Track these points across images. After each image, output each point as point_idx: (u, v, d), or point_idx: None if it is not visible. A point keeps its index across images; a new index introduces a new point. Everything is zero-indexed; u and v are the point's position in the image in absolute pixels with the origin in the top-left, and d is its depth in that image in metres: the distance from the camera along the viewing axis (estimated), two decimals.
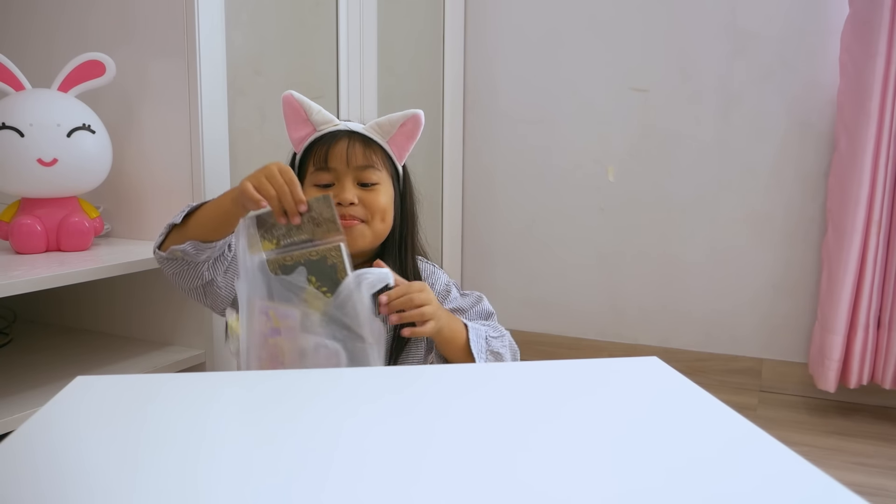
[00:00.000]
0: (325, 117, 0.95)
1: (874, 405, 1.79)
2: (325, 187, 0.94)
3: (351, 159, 0.93)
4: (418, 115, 0.96)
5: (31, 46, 1.24)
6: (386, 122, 0.96)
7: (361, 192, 0.94)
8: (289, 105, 0.95)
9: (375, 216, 0.94)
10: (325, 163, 0.93)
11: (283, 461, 0.43)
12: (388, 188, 0.96)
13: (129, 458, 0.44)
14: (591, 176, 2.03)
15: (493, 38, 2.09)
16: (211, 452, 0.45)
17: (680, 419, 0.51)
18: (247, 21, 1.32)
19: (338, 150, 0.93)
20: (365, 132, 0.95)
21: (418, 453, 0.44)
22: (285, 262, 0.78)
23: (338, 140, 0.93)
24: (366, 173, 0.94)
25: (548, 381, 0.61)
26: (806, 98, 1.80)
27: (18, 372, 1.05)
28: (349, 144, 0.93)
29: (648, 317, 2.03)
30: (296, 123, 0.96)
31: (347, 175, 0.93)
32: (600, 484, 0.41)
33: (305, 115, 0.94)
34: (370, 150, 0.94)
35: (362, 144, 0.94)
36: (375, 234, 0.96)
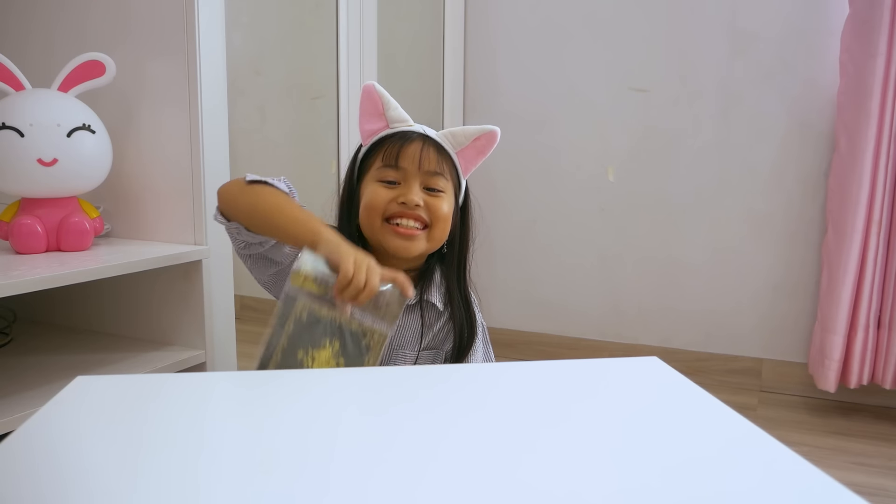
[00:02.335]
0: (401, 115, 0.93)
1: (874, 405, 1.79)
2: (391, 184, 0.91)
3: (423, 162, 0.90)
4: (494, 133, 0.93)
5: (32, 46, 1.24)
6: (460, 133, 0.93)
7: (427, 196, 0.91)
8: (368, 96, 0.92)
9: (438, 223, 0.91)
10: (396, 161, 0.90)
11: (283, 461, 0.43)
12: (451, 199, 0.94)
13: (129, 458, 0.44)
14: (591, 176, 2.03)
15: (493, 38, 2.09)
16: (211, 452, 0.45)
17: (680, 419, 0.51)
18: (247, 21, 1.32)
19: (411, 151, 0.90)
20: (438, 139, 0.93)
21: (419, 453, 0.44)
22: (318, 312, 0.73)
23: (412, 141, 0.91)
24: (434, 179, 0.91)
25: (548, 381, 0.61)
26: (806, 98, 1.80)
27: (18, 372, 1.05)
28: (423, 147, 0.91)
29: (648, 317, 2.03)
30: (370, 116, 0.93)
31: (416, 177, 0.90)
32: (601, 483, 0.41)
33: (382, 109, 0.92)
34: (441, 157, 0.92)
35: (435, 150, 0.92)
36: (433, 241, 0.93)
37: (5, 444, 0.46)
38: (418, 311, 0.95)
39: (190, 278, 1.15)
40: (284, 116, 1.43)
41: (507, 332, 2.18)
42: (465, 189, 0.98)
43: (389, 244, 0.90)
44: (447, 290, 0.96)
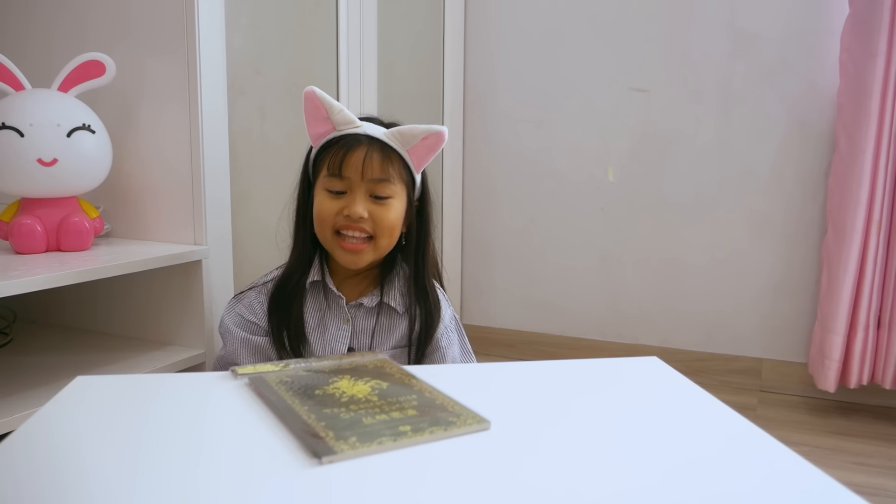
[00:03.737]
0: (345, 118, 0.92)
1: (874, 405, 1.79)
2: (338, 194, 0.92)
3: (366, 171, 0.90)
4: (442, 133, 0.93)
5: (31, 46, 1.24)
6: (408, 131, 0.93)
7: (373, 205, 0.92)
8: (310, 102, 0.92)
9: (383, 234, 0.92)
10: (340, 170, 0.90)
11: (283, 460, 0.43)
12: (401, 201, 0.94)
13: (129, 457, 0.44)
14: (591, 176, 2.03)
15: (493, 38, 2.09)
16: (210, 452, 0.45)
17: (680, 419, 0.51)
18: (247, 21, 1.32)
19: (354, 160, 0.90)
20: (385, 139, 0.92)
21: (418, 453, 0.44)
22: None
23: (355, 147, 0.91)
24: (380, 186, 0.91)
25: (548, 381, 0.61)
26: (806, 98, 1.80)
27: (18, 372, 1.05)
28: (367, 154, 0.90)
29: (648, 317, 2.03)
30: (315, 120, 0.93)
31: (360, 186, 0.91)
32: (601, 483, 0.41)
33: (326, 113, 0.91)
34: (387, 161, 0.92)
35: (380, 154, 0.91)
36: (378, 251, 0.94)
37: (5, 444, 0.46)
38: (376, 314, 0.97)
39: (190, 278, 1.15)
40: (284, 116, 1.43)
41: (507, 332, 2.18)
42: (420, 182, 0.98)
43: (338, 258, 0.94)
44: (408, 288, 0.97)
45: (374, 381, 0.61)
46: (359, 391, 0.58)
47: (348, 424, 0.49)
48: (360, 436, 0.47)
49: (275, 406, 0.54)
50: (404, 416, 0.52)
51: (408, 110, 1.86)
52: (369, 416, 0.52)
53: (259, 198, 1.37)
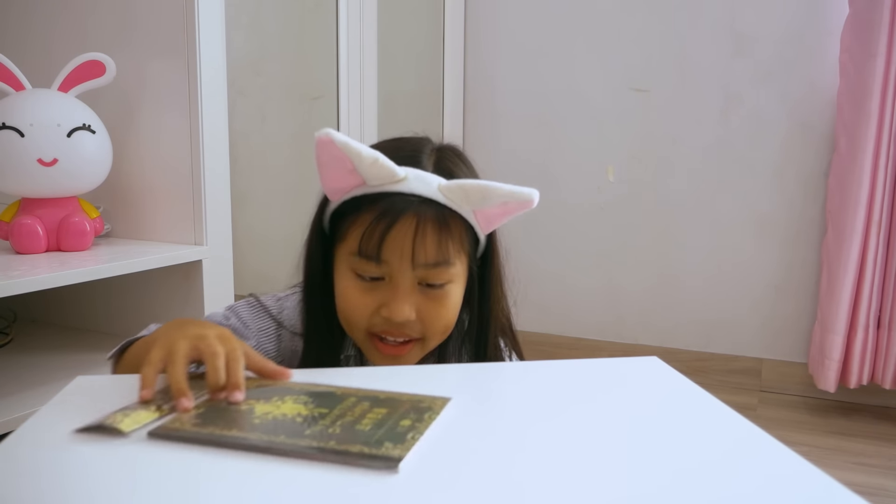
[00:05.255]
0: (383, 171, 0.62)
1: (874, 405, 1.79)
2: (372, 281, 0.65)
3: (418, 254, 0.63)
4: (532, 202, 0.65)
5: (32, 46, 1.24)
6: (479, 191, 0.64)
7: (423, 298, 0.66)
8: (326, 150, 0.62)
9: (435, 334, 0.68)
10: (378, 254, 0.63)
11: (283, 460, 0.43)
12: (461, 281, 0.69)
13: (129, 457, 0.44)
14: (591, 176, 2.03)
15: (493, 38, 2.09)
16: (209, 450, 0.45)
17: (680, 419, 0.51)
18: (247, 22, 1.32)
19: (399, 238, 0.63)
20: (444, 200, 0.64)
21: (418, 453, 0.44)
22: None
23: (401, 220, 0.63)
24: (436, 272, 0.65)
25: (548, 381, 0.61)
26: (806, 98, 1.80)
27: (18, 372, 1.05)
28: (418, 229, 0.63)
29: (648, 317, 2.03)
30: (336, 173, 0.64)
31: (406, 275, 0.64)
32: (601, 484, 0.41)
33: (352, 164, 0.62)
34: (447, 235, 0.64)
35: (436, 228, 0.64)
36: (427, 350, 0.70)
37: (5, 444, 0.46)
38: None
39: (190, 278, 1.15)
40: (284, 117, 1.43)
41: None
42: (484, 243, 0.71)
43: (374, 361, 0.70)
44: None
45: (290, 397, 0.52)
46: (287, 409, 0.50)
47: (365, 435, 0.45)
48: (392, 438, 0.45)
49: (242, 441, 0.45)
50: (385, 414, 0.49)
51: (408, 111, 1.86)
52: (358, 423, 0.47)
53: (259, 198, 1.37)
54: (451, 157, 0.69)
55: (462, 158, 0.72)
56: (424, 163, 0.66)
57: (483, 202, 0.64)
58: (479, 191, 0.64)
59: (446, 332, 0.69)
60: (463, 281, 0.69)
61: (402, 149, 0.68)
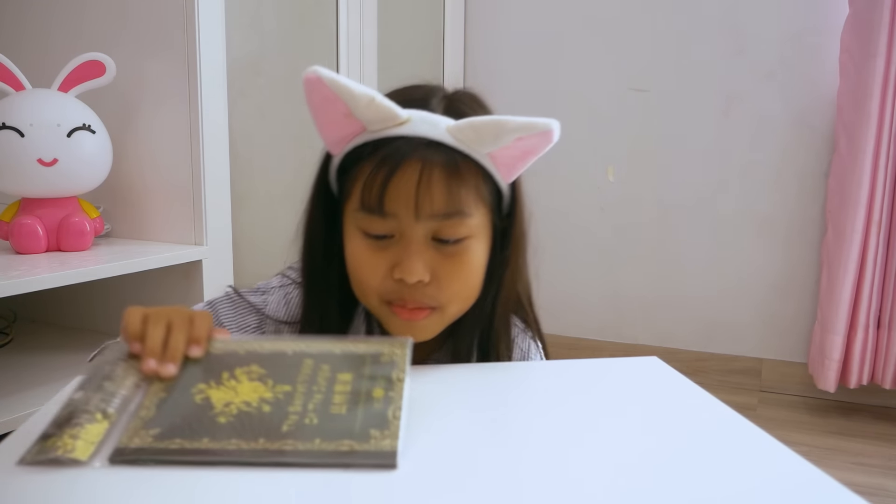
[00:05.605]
0: (381, 112, 0.55)
1: (874, 405, 1.79)
2: (380, 240, 0.58)
3: (424, 204, 0.56)
4: (551, 133, 0.57)
5: (32, 46, 1.24)
6: (491, 127, 0.56)
7: (438, 256, 0.58)
8: (316, 93, 0.55)
9: (454, 299, 0.60)
10: (381, 205, 0.56)
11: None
12: (483, 237, 0.61)
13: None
14: (591, 176, 2.03)
15: (493, 38, 2.09)
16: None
17: (680, 419, 0.51)
18: (247, 21, 1.32)
19: (403, 187, 0.55)
20: (451, 140, 0.56)
21: (418, 453, 0.44)
22: None
23: (404, 165, 0.55)
24: (448, 225, 0.57)
25: (548, 381, 0.61)
26: (806, 98, 1.80)
27: (18, 372, 1.05)
28: (422, 176, 0.55)
29: (648, 317, 2.03)
30: (330, 120, 0.56)
31: (417, 228, 0.57)
32: (600, 484, 0.41)
33: (347, 108, 0.55)
34: (458, 181, 0.56)
35: (445, 172, 0.56)
36: (452, 317, 0.62)
37: (5, 444, 0.46)
38: None
39: (190, 278, 1.15)
40: (284, 116, 1.43)
41: None
42: (508, 195, 0.65)
43: (389, 329, 0.62)
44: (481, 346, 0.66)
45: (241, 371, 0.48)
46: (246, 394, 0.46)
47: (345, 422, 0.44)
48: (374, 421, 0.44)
49: None
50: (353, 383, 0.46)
51: None
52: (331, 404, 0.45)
53: (259, 198, 1.37)
54: (465, 100, 0.62)
55: (479, 102, 0.64)
56: (434, 106, 0.59)
57: (497, 140, 0.56)
58: (491, 127, 0.56)
59: (468, 298, 0.61)
60: (486, 238, 0.61)
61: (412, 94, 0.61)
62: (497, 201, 0.62)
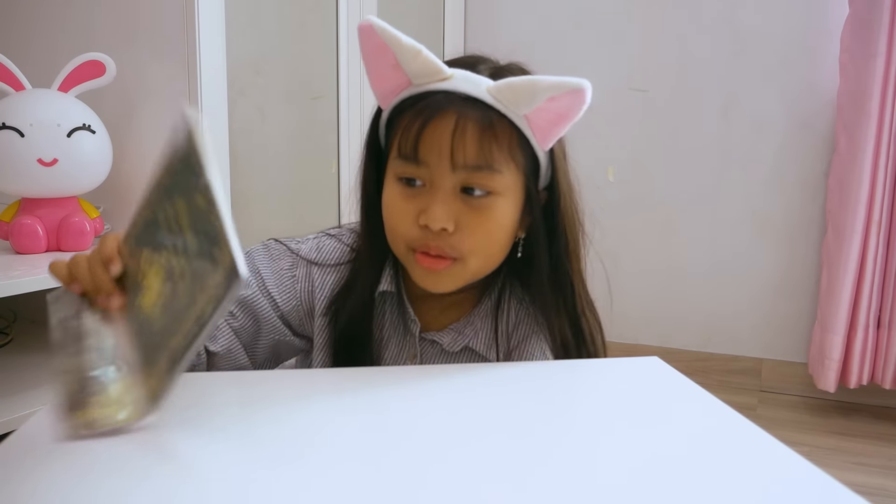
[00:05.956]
0: (426, 66, 0.59)
1: (874, 405, 1.79)
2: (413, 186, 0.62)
3: (457, 154, 0.59)
4: (582, 91, 0.58)
5: (32, 46, 1.24)
6: (526, 86, 0.59)
7: (464, 207, 0.61)
8: (368, 39, 0.60)
9: (476, 252, 0.62)
10: (415, 151, 0.60)
11: (283, 460, 0.43)
12: (512, 199, 0.63)
13: (129, 457, 0.44)
14: (591, 176, 2.03)
15: (492, 38, 2.09)
16: (210, 450, 0.45)
17: (680, 419, 0.51)
18: (247, 21, 1.32)
19: (437, 135, 0.59)
20: (488, 97, 0.60)
21: (418, 453, 0.44)
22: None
23: (441, 115, 0.59)
24: (477, 176, 0.60)
25: (548, 381, 0.61)
26: (806, 98, 1.80)
27: (18, 372, 1.05)
28: (457, 128, 0.59)
29: (648, 317, 2.03)
30: (380, 70, 0.61)
31: (446, 178, 0.60)
32: (601, 483, 0.41)
33: (395, 59, 0.60)
34: (491, 136, 0.59)
35: (479, 126, 0.59)
36: (474, 273, 0.64)
37: (5, 444, 0.46)
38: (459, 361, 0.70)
39: None
40: (284, 116, 1.43)
41: None
42: (548, 163, 0.67)
43: (412, 274, 0.65)
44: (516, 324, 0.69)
45: (145, 266, 0.51)
46: (155, 291, 0.48)
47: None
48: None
49: None
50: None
51: None
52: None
53: (259, 199, 1.37)
54: (512, 69, 0.65)
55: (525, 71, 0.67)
56: (480, 70, 0.63)
57: (532, 100, 0.58)
58: (526, 86, 0.58)
59: (491, 254, 0.63)
60: (516, 199, 0.63)
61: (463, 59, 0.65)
62: (533, 168, 0.65)
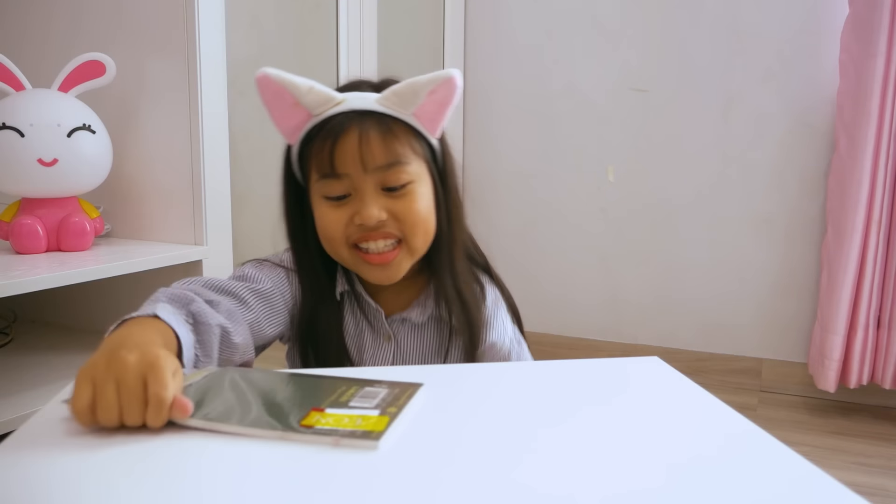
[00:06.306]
0: (320, 97, 0.69)
1: (874, 405, 1.79)
2: (340, 200, 0.70)
3: (367, 159, 0.68)
4: (452, 79, 0.68)
5: (32, 46, 1.24)
6: (407, 89, 0.69)
7: (389, 200, 0.70)
8: (266, 89, 0.69)
9: (415, 231, 0.71)
10: (333, 168, 0.69)
11: (283, 459, 0.43)
12: (426, 183, 0.73)
13: (129, 457, 0.44)
14: (591, 176, 2.03)
15: (492, 37, 2.09)
16: (211, 450, 0.45)
17: (681, 419, 0.51)
18: (247, 21, 1.32)
19: (347, 149, 0.68)
20: (380, 107, 0.69)
21: (419, 453, 0.44)
22: None
23: (345, 132, 0.68)
24: (391, 174, 0.69)
25: (548, 381, 0.61)
26: (806, 98, 1.80)
27: (18, 372, 1.05)
28: (361, 138, 0.68)
29: (648, 317, 2.03)
30: (282, 111, 0.70)
31: (366, 181, 0.69)
32: (601, 483, 0.41)
33: (293, 98, 0.69)
34: (392, 137, 0.69)
35: (379, 131, 0.69)
36: (415, 254, 0.73)
37: (5, 444, 0.46)
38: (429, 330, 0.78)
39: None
40: None
41: None
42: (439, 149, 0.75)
43: (367, 276, 0.74)
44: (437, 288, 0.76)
45: None
46: None
47: None
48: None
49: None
50: None
51: None
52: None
53: (259, 198, 1.37)
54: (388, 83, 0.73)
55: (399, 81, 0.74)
56: (363, 88, 0.73)
57: (416, 98, 0.69)
58: (408, 88, 0.69)
59: (427, 231, 0.72)
60: (428, 183, 0.73)
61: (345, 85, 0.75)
62: (432, 156, 0.74)
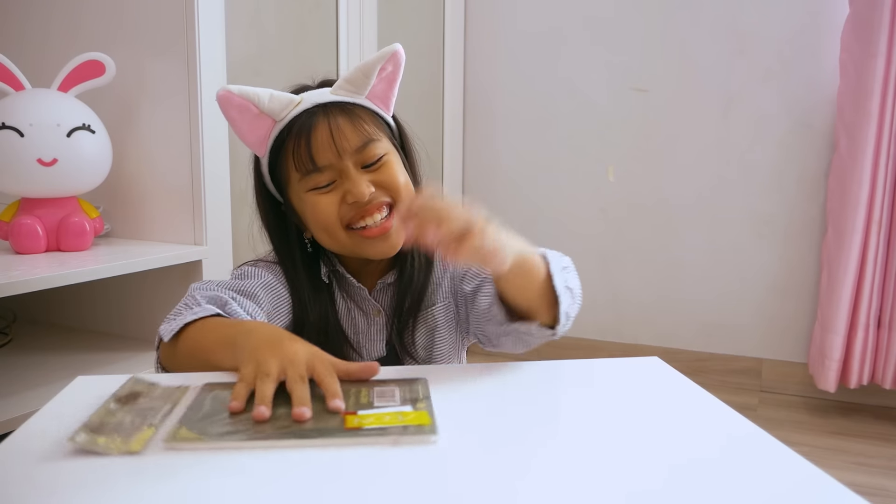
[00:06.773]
0: (281, 101, 0.72)
1: (874, 405, 1.79)
2: (327, 189, 0.73)
3: (342, 145, 0.71)
4: (396, 54, 0.76)
5: (31, 46, 1.24)
6: (359, 73, 0.74)
7: (371, 175, 0.73)
8: (230, 105, 0.72)
9: (402, 195, 0.74)
10: (313, 163, 0.71)
11: (283, 459, 0.43)
12: (395, 154, 0.77)
13: (129, 457, 0.44)
14: (591, 176, 2.03)
15: (493, 38, 2.09)
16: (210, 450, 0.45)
17: (681, 419, 0.51)
18: (247, 21, 1.32)
19: (321, 141, 0.71)
20: (338, 97, 0.74)
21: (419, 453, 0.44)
22: None
23: (315, 126, 0.72)
24: (367, 152, 0.73)
25: (548, 381, 0.61)
26: (806, 98, 1.80)
27: (18, 372, 1.05)
28: (332, 127, 0.72)
29: (648, 317, 2.03)
30: (248, 124, 0.73)
31: (347, 165, 0.72)
32: (602, 483, 0.41)
33: (257, 108, 0.72)
34: (358, 120, 0.73)
35: (347, 118, 0.73)
36: None
37: (5, 444, 0.46)
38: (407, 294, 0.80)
39: (190, 278, 1.15)
40: None
41: None
42: (395, 126, 0.81)
43: (369, 253, 0.75)
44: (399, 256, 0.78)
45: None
46: None
47: None
48: None
49: None
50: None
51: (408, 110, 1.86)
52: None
53: None
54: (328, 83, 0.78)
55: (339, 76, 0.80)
56: (312, 87, 0.78)
57: (367, 80, 0.74)
58: (359, 73, 0.74)
59: (410, 194, 0.75)
60: (396, 155, 0.77)
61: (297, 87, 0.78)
62: (391, 132, 0.79)
